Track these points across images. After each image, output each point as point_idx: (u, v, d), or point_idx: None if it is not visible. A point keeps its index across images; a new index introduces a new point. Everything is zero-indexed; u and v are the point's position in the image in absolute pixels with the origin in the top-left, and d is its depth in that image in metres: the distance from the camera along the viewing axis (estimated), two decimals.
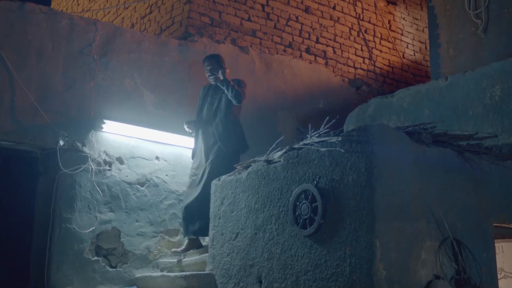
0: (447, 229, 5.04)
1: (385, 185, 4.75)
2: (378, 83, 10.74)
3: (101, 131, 7.24)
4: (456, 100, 6.39)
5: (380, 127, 4.91)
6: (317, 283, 5.00)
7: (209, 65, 7.39)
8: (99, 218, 7.07)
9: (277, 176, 5.63)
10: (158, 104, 7.81)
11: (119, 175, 7.32)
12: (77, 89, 7.18)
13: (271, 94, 9.14)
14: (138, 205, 7.39)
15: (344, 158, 4.94)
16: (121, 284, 7.06)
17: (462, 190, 5.33)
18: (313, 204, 5.12)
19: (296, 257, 5.25)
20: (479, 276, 5.18)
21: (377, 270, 4.56)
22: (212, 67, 7.37)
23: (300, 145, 5.48)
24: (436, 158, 5.18)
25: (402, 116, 6.83)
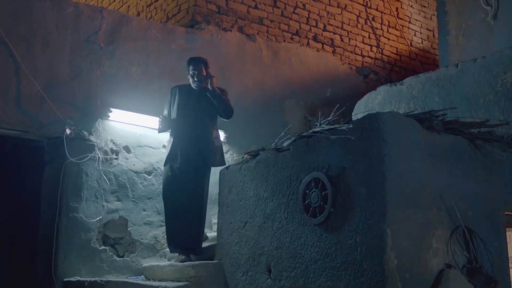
0: (458, 218, 4.99)
1: (396, 173, 4.69)
2: (386, 71, 10.66)
3: (108, 119, 7.19)
4: (466, 88, 6.32)
5: (391, 114, 4.85)
6: (327, 272, 4.96)
7: (195, 69, 6.70)
8: (106, 207, 7.03)
9: (286, 164, 5.58)
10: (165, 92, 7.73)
11: (126, 164, 7.27)
12: (84, 78, 7.13)
13: (278, 82, 9.07)
14: (145, 194, 7.35)
15: (354, 145, 4.88)
16: (128, 274, 7.03)
17: (474, 178, 5.28)
18: (323, 192, 5.06)
19: (305, 246, 5.21)
20: (491, 265, 5.14)
21: (389, 259, 4.52)
22: (198, 72, 6.68)
23: (310, 133, 5.42)
24: (447, 146, 5.13)
25: (412, 104, 6.76)
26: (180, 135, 6.60)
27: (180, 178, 6.54)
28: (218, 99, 6.61)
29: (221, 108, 6.64)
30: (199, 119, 6.61)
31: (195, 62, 6.72)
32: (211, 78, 6.62)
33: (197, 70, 6.67)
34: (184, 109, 6.65)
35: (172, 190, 6.56)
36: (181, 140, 6.58)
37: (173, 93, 6.83)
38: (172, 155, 6.59)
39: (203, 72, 6.68)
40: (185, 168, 6.53)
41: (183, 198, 6.50)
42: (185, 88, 6.80)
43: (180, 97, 6.72)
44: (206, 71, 6.71)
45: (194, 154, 6.53)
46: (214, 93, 6.59)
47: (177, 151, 6.57)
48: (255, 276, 5.68)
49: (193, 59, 6.80)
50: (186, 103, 6.67)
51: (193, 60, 6.76)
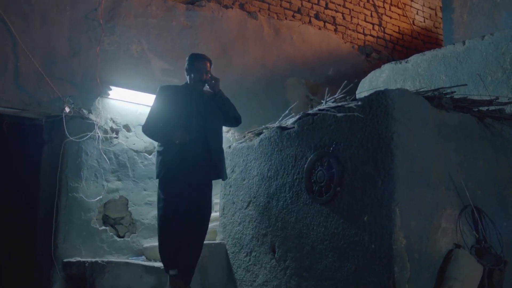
0: (467, 197, 4.90)
1: (405, 151, 4.60)
2: (388, 50, 10.53)
3: (108, 98, 7.07)
4: (474, 65, 6.21)
5: (400, 92, 4.74)
6: (334, 252, 4.87)
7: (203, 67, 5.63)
8: (106, 186, 6.93)
9: (291, 142, 5.48)
10: (165, 70, 7.61)
11: (126, 143, 7.16)
12: (83, 55, 6.99)
13: (280, 60, 8.94)
14: (146, 174, 7.24)
15: (362, 123, 4.78)
16: (129, 254, 6.95)
17: (482, 157, 5.19)
18: (330, 171, 4.97)
19: (311, 226, 5.12)
20: (500, 245, 5.06)
21: (397, 239, 4.43)
22: (206, 71, 5.62)
23: (315, 111, 5.32)
24: (456, 124, 5.03)
25: (418, 82, 6.65)
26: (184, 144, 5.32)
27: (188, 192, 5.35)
28: (228, 102, 5.62)
29: (231, 113, 5.63)
30: (207, 126, 5.46)
31: (202, 59, 5.65)
32: (218, 80, 5.59)
33: (205, 69, 5.60)
34: (186, 114, 5.45)
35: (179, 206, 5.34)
36: (186, 151, 5.33)
37: (165, 95, 5.56)
38: (173, 168, 5.35)
39: (210, 72, 5.64)
40: (195, 183, 5.38)
41: (191, 216, 5.36)
42: (180, 89, 5.64)
43: (178, 100, 5.50)
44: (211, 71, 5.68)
45: (205, 166, 5.42)
46: (223, 96, 5.59)
47: (183, 163, 5.33)
48: (259, 257, 5.60)
49: (199, 55, 5.74)
50: (187, 107, 5.48)
51: (200, 57, 5.69)
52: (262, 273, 5.53)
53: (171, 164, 5.34)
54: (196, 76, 5.58)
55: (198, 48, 7.92)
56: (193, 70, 5.60)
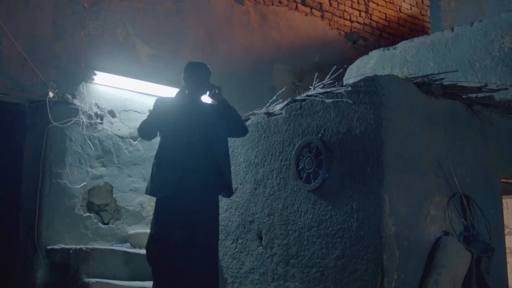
0: (456, 184, 4.88)
1: (395, 138, 4.56)
2: (375, 37, 10.48)
3: (92, 83, 6.95)
4: (462, 52, 6.18)
5: (390, 78, 4.70)
6: (321, 239, 4.84)
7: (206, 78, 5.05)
8: (91, 173, 6.83)
9: (278, 129, 5.42)
10: (151, 55, 7.51)
11: (111, 129, 7.06)
12: (67, 39, 6.87)
13: (266, 46, 8.87)
14: (131, 160, 7.15)
15: (351, 109, 4.74)
16: (114, 241, 6.86)
17: (471, 144, 5.17)
18: (318, 158, 4.93)
19: (299, 213, 5.08)
20: (487, 233, 5.05)
21: (386, 225, 4.40)
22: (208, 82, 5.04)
23: (303, 97, 5.27)
24: (445, 111, 5.01)
25: (406, 69, 6.61)
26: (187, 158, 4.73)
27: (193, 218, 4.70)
28: (233, 112, 5.01)
29: (237, 123, 5.03)
30: (212, 141, 4.87)
31: (202, 67, 5.07)
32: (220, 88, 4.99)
33: (205, 77, 5.01)
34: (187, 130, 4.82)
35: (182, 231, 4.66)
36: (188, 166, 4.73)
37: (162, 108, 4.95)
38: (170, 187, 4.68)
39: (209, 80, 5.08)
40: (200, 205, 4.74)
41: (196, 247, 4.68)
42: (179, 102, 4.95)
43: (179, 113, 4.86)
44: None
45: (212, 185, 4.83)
46: (228, 105, 4.99)
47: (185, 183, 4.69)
48: (246, 244, 5.55)
49: (197, 63, 5.15)
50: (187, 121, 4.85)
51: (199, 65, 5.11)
52: (248, 260, 5.49)
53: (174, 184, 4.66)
54: (196, 86, 4.94)
55: (185, 34, 7.84)
56: (192, 79, 4.96)
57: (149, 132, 4.94)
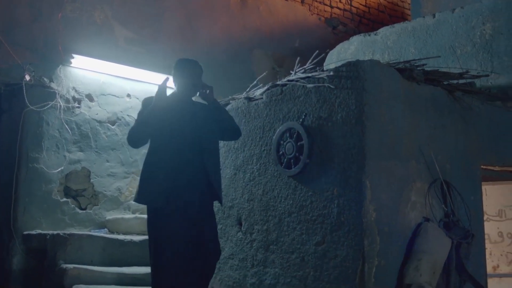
0: (437, 171, 4.87)
1: (376, 123, 4.53)
2: (355, 23, 10.45)
3: (70, 66, 6.87)
4: (444, 39, 6.16)
5: (372, 63, 4.66)
6: (301, 225, 4.81)
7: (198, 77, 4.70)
8: (68, 157, 6.76)
9: (258, 114, 5.37)
10: (130, 39, 7.42)
11: (89, 113, 6.98)
12: (44, 21, 6.76)
13: (246, 31, 8.81)
14: (109, 145, 7.09)
15: (332, 94, 4.69)
16: (91, 227, 6.81)
17: (452, 131, 5.16)
18: (299, 143, 4.88)
19: (279, 198, 5.04)
20: (468, 219, 5.05)
21: (367, 211, 4.38)
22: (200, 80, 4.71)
23: (284, 81, 5.21)
24: (427, 97, 4.99)
25: (386, 55, 6.58)
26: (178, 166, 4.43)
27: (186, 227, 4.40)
28: (225, 113, 4.79)
29: (230, 126, 4.77)
30: (203, 142, 4.56)
31: (193, 64, 4.73)
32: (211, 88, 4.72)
33: (196, 75, 4.67)
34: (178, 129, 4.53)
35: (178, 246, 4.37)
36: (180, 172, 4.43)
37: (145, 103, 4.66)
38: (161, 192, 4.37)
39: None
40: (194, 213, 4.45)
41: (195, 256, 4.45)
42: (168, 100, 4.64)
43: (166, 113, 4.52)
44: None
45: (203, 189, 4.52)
46: (219, 106, 4.77)
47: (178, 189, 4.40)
48: (225, 230, 5.51)
49: (188, 60, 4.79)
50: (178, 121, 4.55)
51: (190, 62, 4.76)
52: (228, 246, 5.45)
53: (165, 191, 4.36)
54: (186, 84, 4.63)
55: (164, 17, 7.75)
56: (182, 77, 4.65)
57: (138, 140, 4.58)
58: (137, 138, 4.57)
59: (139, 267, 5.81)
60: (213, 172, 4.58)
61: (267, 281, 5.03)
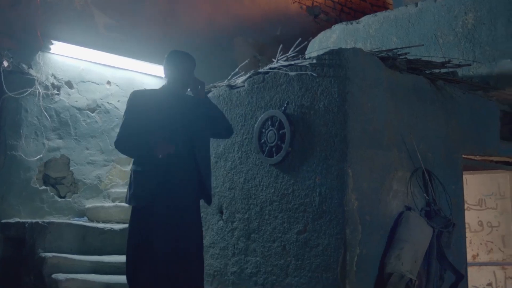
0: (419, 159, 4.87)
1: (359, 112, 4.52)
2: (336, 11, 10.42)
3: (49, 52, 6.76)
4: (426, 28, 6.15)
5: (354, 51, 4.64)
6: (283, 213, 4.79)
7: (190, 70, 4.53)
8: (47, 145, 6.67)
9: (240, 101, 5.34)
10: (110, 25, 7.33)
11: (68, 100, 6.89)
12: (22, 6, 6.64)
13: (228, 18, 8.74)
14: (89, 132, 7.00)
15: (315, 82, 4.67)
16: (70, 215, 6.73)
17: (434, 120, 5.17)
18: (281, 131, 4.86)
19: (260, 187, 5.02)
20: (449, 208, 5.07)
21: (349, 200, 4.37)
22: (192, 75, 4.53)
23: (267, 69, 5.18)
24: (409, 86, 4.99)
25: (369, 43, 6.56)
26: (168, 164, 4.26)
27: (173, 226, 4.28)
28: (216, 110, 4.65)
29: (221, 124, 4.61)
30: (194, 140, 4.42)
31: (186, 58, 4.55)
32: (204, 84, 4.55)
33: (188, 70, 4.50)
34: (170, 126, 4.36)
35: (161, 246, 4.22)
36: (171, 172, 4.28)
37: (140, 102, 4.44)
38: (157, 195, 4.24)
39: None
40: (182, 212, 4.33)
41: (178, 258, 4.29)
42: (158, 94, 4.54)
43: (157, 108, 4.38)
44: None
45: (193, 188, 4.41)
46: (211, 103, 4.64)
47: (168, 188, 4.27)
48: (206, 218, 5.48)
49: (181, 53, 4.59)
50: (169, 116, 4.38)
51: (183, 56, 4.56)
52: (209, 234, 5.42)
53: (154, 190, 4.23)
54: (178, 79, 4.47)
55: (145, 4, 7.67)
56: (174, 71, 4.48)
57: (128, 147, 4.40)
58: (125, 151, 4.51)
59: (119, 256, 5.75)
60: (205, 170, 4.44)
61: (248, 270, 5.02)
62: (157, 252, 4.20)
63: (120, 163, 7.23)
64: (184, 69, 4.48)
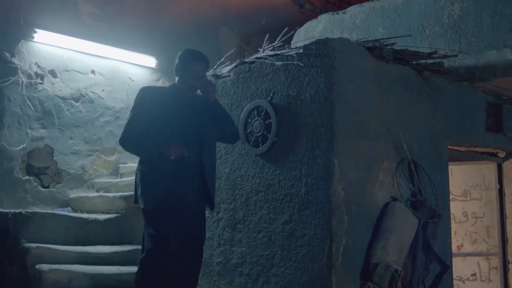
0: (405, 150, 4.87)
1: (345, 102, 4.51)
2: (322, 2, 10.36)
3: (33, 41, 6.67)
4: (412, 18, 6.13)
5: (341, 41, 4.63)
6: (269, 204, 4.77)
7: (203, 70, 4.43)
8: (30, 134, 6.59)
9: (226, 91, 5.31)
10: (94, 14, 7.25)
11: (52, 89, 6.81)
12: None
13: (213, 8, 8.66)
14: (73, 122, 6.93)
15: (301, 72, 4.65)
16: (54, 205, 6.67)
17: (420, 111, 5.18)
18: (267, 121, 4.84)
19: (246, 177, 5.00)
20: (434, 198, 5.07)
21: (335, 191, 4.36)
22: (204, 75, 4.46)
23: (253, 59, 5.15)
24: (395, 76, 4.99)
25: (355, 34, 6.54)
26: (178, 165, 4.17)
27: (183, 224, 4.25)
28: (225, 114, 4.52)
29: (228, 128, 4.49)
30: (203, 141, 4.33)
31: (200, 59, 4.41)
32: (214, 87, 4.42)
33: (201, 72, 4.39)
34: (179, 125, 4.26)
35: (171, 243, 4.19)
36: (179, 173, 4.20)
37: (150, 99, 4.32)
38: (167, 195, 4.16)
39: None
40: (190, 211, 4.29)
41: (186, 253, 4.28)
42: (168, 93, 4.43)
43: (167, 107, 4.28)
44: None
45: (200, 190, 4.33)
46: (220, 107, 4.49)
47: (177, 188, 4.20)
48: None
49: (196, 54, 4.44)
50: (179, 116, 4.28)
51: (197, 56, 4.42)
52: None
53: (164, 191, 4.15)
54: (189, 80, 4.33)
55: None
56: (186, 72, 4.34)
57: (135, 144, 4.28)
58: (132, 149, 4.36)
59: (104, 246, 5.72)
60: (210, 175, 4.35)
61: (233, 260, 5.00)
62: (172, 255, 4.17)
63: (104, 153, 7.18)
64: (196, 70, 4.34)
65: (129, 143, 4.27)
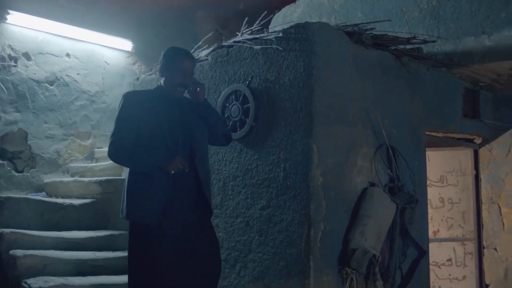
0: (383, 135, 4.86)
1: (324, 87, 4.47)
2: None
3: (6, 22, 6.56)
4: (391, 3, 6.12)
5: (321, 25, 4.58)
6: (246, 189, 4.74)
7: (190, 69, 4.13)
8: (4, 118, 6.49)
9: (203, 75, 5.25)
10: None
11: (26, 72, 6.70)
12: None
13: None
14: (47, 106, 6.84)
15: (280, 56, 4.60)
16: (28, 190, 6.58)
17: (398, 96, 5.17)
18: (245, 106, 4.79)
19: (223, 162, 4.95)
20: (412, 184, 5.08)
21: (314, 176, 4.33)
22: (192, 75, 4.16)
23: (231, 43, 5.09)
24: (374, 61, 4.97)
25: (333, 19, 6.50)
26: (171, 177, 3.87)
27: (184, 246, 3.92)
28: (215, 115, 4.28)
29: (220, 130, 4.25)
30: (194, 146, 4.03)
31: (185, 57, 4.13)
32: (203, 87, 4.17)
33: (188, 70, 4.09)
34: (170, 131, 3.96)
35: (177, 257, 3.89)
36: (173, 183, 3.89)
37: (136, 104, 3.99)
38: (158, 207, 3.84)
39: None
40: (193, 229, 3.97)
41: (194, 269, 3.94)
42: (154, 96, 4.09)
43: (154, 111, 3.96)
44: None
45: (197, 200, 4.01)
46: (210, 107, 4.24)
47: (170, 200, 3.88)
48: None
49: (181, 51, 4.17)
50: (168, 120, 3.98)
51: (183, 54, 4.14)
52: None
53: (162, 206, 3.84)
54: (178, 78, 4.03)
55: None
56: (174, 69, 4.05)
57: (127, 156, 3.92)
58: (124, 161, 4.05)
59: (79, 231, 5.65)
60: (205, 180, 4.05)
61: None
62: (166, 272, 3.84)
63: (79, 137, 7.10)
64: (183, 69, 4.06)
65: (121, 156, 3.96)
